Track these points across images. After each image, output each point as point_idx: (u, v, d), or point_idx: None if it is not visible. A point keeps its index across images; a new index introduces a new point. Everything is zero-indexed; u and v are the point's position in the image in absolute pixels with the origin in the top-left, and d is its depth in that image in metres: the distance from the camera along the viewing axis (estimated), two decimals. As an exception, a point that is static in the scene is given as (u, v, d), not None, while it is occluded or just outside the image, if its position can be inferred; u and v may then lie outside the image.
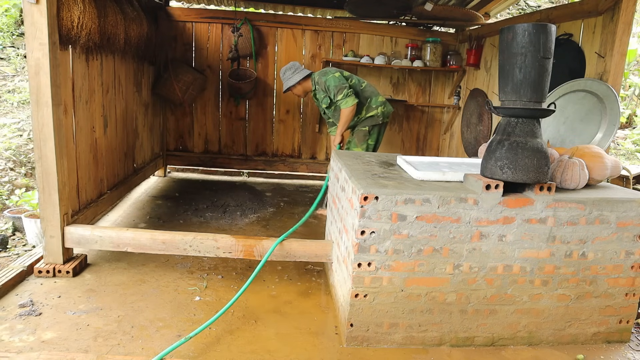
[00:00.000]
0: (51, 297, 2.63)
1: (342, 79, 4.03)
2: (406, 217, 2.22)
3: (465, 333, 2.41)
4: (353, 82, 4.14)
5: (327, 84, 4.04)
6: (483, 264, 2.32)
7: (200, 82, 5.19)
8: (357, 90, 4.12)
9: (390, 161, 2.97)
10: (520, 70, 2.13)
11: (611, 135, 3.00)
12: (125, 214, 4.18)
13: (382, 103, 4.16)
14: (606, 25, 3.00)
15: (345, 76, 4.12)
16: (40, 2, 2.55)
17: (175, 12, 5.22)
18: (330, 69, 4.18)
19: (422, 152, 5.86)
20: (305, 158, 5.77)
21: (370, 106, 4.15)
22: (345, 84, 4.01)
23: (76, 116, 3.20)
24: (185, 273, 3.05)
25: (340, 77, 4.04)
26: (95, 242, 2.88)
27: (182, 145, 5.63)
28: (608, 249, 2.39)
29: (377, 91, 4.25)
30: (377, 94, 4.21)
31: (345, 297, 2.39)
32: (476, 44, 4.80)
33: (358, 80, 4.19)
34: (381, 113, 4.14)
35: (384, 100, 4.20)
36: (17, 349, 2.15)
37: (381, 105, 4.15)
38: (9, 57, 6.06)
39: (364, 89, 4.17)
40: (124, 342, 2.26)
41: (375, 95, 4.18)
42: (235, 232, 3.81)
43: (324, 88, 4.08)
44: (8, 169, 4.33)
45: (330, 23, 5.41)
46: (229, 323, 2.49)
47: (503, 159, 2.18)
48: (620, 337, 2.55)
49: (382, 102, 4.16)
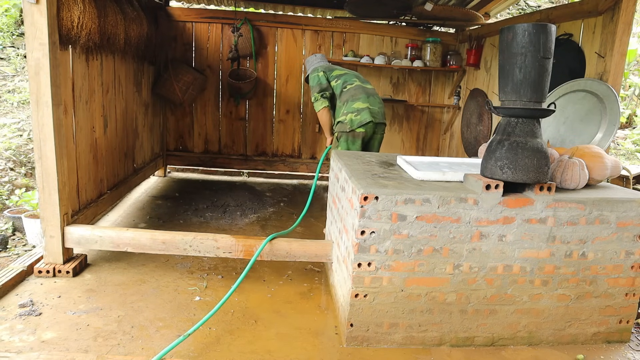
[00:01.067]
0: (51, 297, 2.63)
1: (322, 80, 3.96)
2: (406, 217, 2.22)
3: (465, 333, 2.41)
4: (337, 83, 3.94)
5: (311, 83, 4.07)
6: (483, 264, 2.32)
7: (200, 82, 5.19)
8: (337, 92, 3.94)
9: (390, 161, 2.97)
10: (520, 70, 2.13)
11: (611, 135, 3.00)
12: (125, 214, 4.18)
13: (356, 110, 3.72)
14: (606, 25, 3.00)
15: (333, 75, 3.98)
16: (40, 2, 2.55)
17: (175, 12, 5.22)
18: (319, 66, 4.10)
19: (422, 152, 5.86)
20: (305, 158, 5.77)
21: (341, 110, 3.84)
22: (321, 86, 3.94)
23: (76, 116, 3.20)
24: (185, 273, 3.05)
25: (322, 77, 3.97)
26: (95, 242, 2.88)
27: (182, 145, 5.63)
28: (608, 249, 2.39)
29: (362, 95, 3.79)
30: (358, 98, 3.77)
31: (345, 297, 2.38)
32: (476, 44, 4.80)
33: (343, 82, 3.90)
34: (349, 120, 3.72)
35: (362, 108, 3.72)
36: (17, 349, 2.15)
37: (353, 112, 3.72)
38: (9, 57, 6.06)
39: (346, 91, 3.86)
40: (124, 342, 2.26)
41: (355, 100, 3.77)
42: (235, 232, 3.81)
43: None
44: (8, 169, 4.33)
45: (330, 23, 5.41)
46: (229, 323, 2.49)
47: (503, 159, 2.18)
48: (620, 337, 2.55)
49: (356, 109, 3.72)
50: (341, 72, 4.01)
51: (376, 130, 3.86)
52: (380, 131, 3.91)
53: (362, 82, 3.96)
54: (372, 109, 3.78)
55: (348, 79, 3.94)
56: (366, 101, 3.78)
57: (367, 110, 3.74)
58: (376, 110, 3.80)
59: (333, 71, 4.03)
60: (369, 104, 3.78)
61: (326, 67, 4.09)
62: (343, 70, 4.06)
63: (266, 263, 3.25)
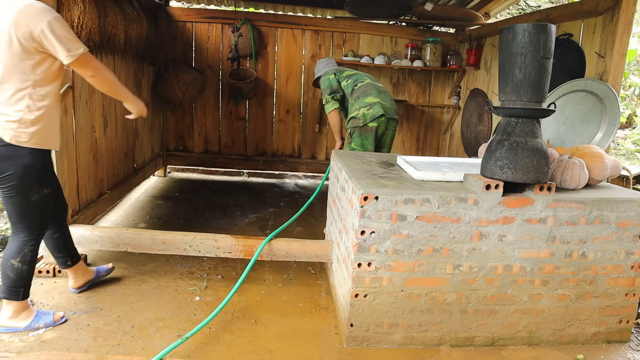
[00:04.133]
0: (51, 297, 2.63)
1: (332, 82, 3.98)
2: (406, 217, 2.22)
3: (465, 333, 2.41)
4: (348, 82, 3.97)
5: (322, 85, 4.08)
6: (483, 264, 2.32)
7: (200, 82, 5.19)
8: (348, 92, 3.96)
9: (390, 161, 2.97)
10: (520, 70, 2.13)
11: (611, 135, 3.00)
12: (125, 214, 4.18)
13: (369, 104, 3.74)
14: (606, 25, 3.00)
15: (343, 76, 4.02)
16: (40, 2, 2.54)
17: (175, 12, 5.22)
18: (330, 69, 4.13)
19: (422, 152, 5.86)
20: (305, 158, 5.77)
21: (354, 107, 3.85)
22: (332, 88, 3.96)
23: (76, 116, 3.19)
24: (185, 273, 3.05)
25: (332, 79, 3.99)
26: (95, 242, 2.87)
27: (182, 145, 5.63)
28: (608, 249, 2.39)
29: (373, 91, 3.83)
30: (369, 94, 3.81)
31: (345, 297, 2.39)
32: (476, 44, 4.80)
33: (354, 81, 3.94)
34: (362, 115, 3.73)
35: (374, 102, 3.75)
36: (17, 349, 2.15)
37: (365, 107, 3.74)
38: (9, 57, 6.05)
39: (357, 89, 3.89)
40: (124, 342, 2.26)
41: (366, 95, 3.80)
42: (235, 232, 3.81)
43: None
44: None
45: (330, 23, 5.41)
46: (229, 323, 2.49)
47: (503, 159, 2.18)
48: (620, 337, 2.55)
49: (367, 104, 3.75)
50: (351, 72, 4.07)
51: (388, 126, 3.84)
52: (392, 127, 3.89)
53: (372, 80, 4.00)
54: (384, 104, 3.78)
55: (359, 77, 3.99)
56: (377, 97, 3.80)
57: (379, 104, 3.75)
58: (388, 106, 3.81)
59: (343, 72, 4.08)
60: (381, 99, 3.79)
61: (336, 69, 4.12)
62: (353, 71, 4.12)
63: (266, 263, 3.25)
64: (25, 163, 2.06)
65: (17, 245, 2.19)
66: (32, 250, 2.21)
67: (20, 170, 2.06)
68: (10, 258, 2.18)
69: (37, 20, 1.92)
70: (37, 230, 2.22)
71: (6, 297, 2.24)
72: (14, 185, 2.08)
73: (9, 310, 2.25)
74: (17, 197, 2.11)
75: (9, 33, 1.92)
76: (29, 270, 2.23)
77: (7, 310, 2.25)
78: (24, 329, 2.27)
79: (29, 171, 2.08)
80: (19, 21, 1.91)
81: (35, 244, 2.23)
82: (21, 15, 1.92)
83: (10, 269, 2.19)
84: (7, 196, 2.11)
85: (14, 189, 2.09)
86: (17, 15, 1.92)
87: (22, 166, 2.06)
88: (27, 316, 2.29)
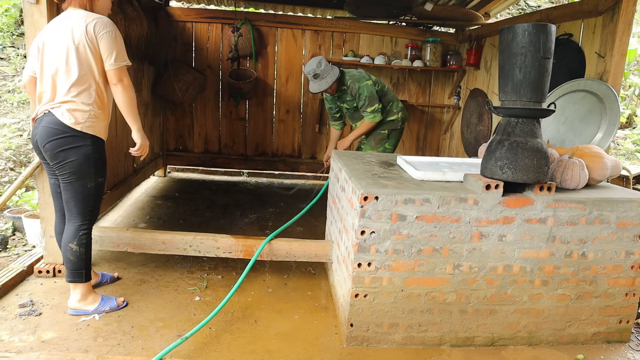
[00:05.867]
0: (51, 297, 2.63)
1: (374, 89, 3.95)
2: (406, 217, 2.22)
3: (465, 333, 2.41)
4: (379, 87, 4.04)
5: (359, 91, 3.90)
6: (483, 264, 2.33)
7: (200, 82, 5.19)
8: (380, 95, 4.04)
9: (390, 161, 2.97)
10: (520, 70, 2.13)
11: (611, 135, 3.00)
12: (125, 214, 4.18)
13: (402, 109, 4.17)
14: (606, 25, 3.00)
15: (374, 81, 4.02)
16: (40, 2, 2.55)
17: (175, 12, 5.22)
18: (363, 75, 3.98)
19: (422, 152, 5.86)
20: (305, 158, 5.77)
21: (391, 110, 4.11)
22: (376, 96, 3.94)
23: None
24: (185, 273, 3.05)
25: (372, 85, 3.95)
26: (95, 242, 2.86)
27: (182, 145, 5.63)
28: (608, 249, 2.39)
29: (396, 96, 4.26)
30: (397, 99, 4.21)
31: (345, 297, 2.39)
32: (476, 44, 4.80)
33: (383, 86, 4.14)
34: (400, 118, 4.14)
35: (403, 106, 4.22)
36: (17, 349, 2.15)
37: (401, 111, 4.15)
38: (9, 57, 6.06)
39: (386, 93, 4.13)
40: (124, 342, 2.26)
41: (396, 100, 4.18)
42: (235, 232, 3.81)
43: (354, 94, 3.93)
44: (8, 169, 4.34)
45: (330, 23, 5.41)
46: (229, 323, 2.49)
47: (503, 159, 2.18)
48: (620, 337, 2.55)
49: (401, 108, 4.17)
50: (374, 78, 4.11)
51: None
52: None
53: None
54: None
55: (381, 82, 4.17)
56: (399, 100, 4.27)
57: (404, 108, 4.25)
58: None
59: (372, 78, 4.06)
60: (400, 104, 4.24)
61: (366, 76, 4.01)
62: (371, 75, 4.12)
63: (266, 263, 3.25)
64: (86, 152, 2.28)
65: (72, 230, 2.39)
66: (85, 234, 2.41)
67: (81, 157, 2.28)
68: (69, 242, 2.38)
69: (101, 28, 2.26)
70: (89, 216, 2.42)
71: (71, 280, 2.44)
72: (74, 171, 2.29)
73: (77, 293, 2.46)
74: (75, 182, 2.31)
75: (83, 38, 2.23)
76: (87, 252, 2.43)
77: (75, 294, 2.47)
78: (92, 312, 2.47)
79: (88, 159, 2.30)
80: (90, 29, 2.24)
81: (88, 229, 2.43)
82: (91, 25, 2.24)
83: (70, 252, 2.39)
84: (67, 182, 2.32)
85: (74, 174, 2.29)
86: (89, 24, 2.23)
87: (84, 154, 2.28)
88: (94, 300, 2.50)
